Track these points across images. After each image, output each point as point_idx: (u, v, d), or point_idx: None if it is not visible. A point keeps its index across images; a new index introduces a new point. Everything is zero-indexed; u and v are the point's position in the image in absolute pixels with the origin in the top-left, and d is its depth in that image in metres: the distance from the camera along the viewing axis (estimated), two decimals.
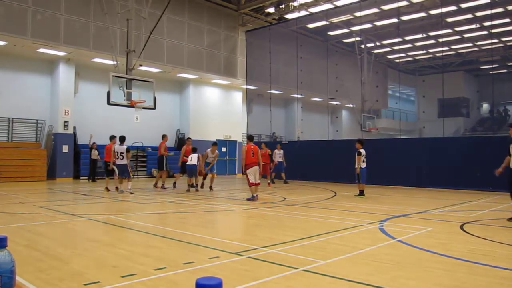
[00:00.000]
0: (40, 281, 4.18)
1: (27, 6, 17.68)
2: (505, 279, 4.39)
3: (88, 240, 6.51)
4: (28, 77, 20.52)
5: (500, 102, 36.16)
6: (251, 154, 12.15)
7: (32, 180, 19.21)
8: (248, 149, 12.28)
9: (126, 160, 13.69)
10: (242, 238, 6.70)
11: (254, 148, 12.24)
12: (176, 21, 23.22)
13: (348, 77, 28.34)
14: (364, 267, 4.79)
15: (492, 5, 22.23)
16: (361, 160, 13.09)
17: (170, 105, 26.18)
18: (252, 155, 12.15)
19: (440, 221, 8.38)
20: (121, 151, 13.73)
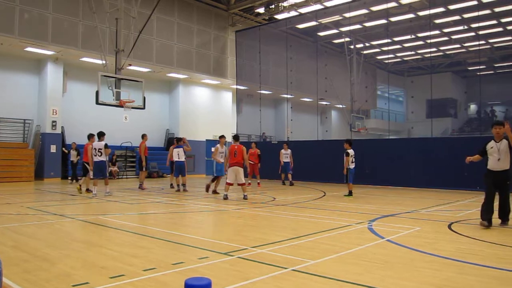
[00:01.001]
0: (27, 282, 4.13)
1: (14, 4, 17.49)
2: (493, 278, 4.44)
3: (76, 240, 6.44)
4: (16, 76, 20.29)
5: (487, 103, 36.58)
6: (234, 154, 12.10)
7: (19, 180, 18.99)
8: (231, 149, 12.24)
9: (104, 157, 12.81)
10: (231, 238, 6.69)
11: (238, 148, 12.16)
12: (165, 20, 23.12)
13: (337, 77, 28.45)
14: (353, 267, 4.81)
15: (480, 7, 22.49)
16: (349, 161, 13.19)
17: (160, 105, 26.08)
18: (234, 155, 12.08)
19: (428, 220, 8.44)
20: (99, 147, 12.83)
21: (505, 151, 7.53)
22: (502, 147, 7.54)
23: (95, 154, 12.76)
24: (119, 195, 13.62)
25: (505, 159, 7.53)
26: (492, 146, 7.70)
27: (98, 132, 13.01)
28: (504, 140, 7.54)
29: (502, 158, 7.52)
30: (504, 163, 7.53)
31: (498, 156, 7.55)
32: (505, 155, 7.52)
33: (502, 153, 7.53)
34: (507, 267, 4.85)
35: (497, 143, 7.63)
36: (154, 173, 23.56)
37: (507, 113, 37.59)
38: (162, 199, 12.71)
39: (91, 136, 13.83)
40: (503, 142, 7.55)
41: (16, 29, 17.49)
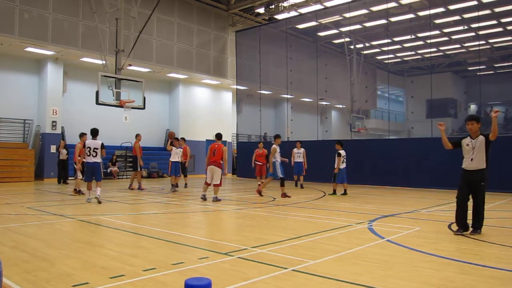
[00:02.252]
0: (28, 283, 4.13)
1: (14, 4, 17.49)
2: (492, 278, 4.44)
3: (76, 241, 6.45)
4: (16, 77, 20.29)
5: (487, 103, 36.55)
6: (213, 153, 11.84)
7: (19, 180, 18.99)
8: (211, 148, 11.97)
9: (99, 158, 11.20)
10: (231, 239, 6.69)
11: (217, 147, 11.89)
12: (165, 20, 23.13)
13: (337, 77, 28.45)
14: (353, 267, 4.81)
15: (480, 7, 22.48)
16: (340, 161, 13.62)
17: (160, 105, 26.08)
18: (213, 154, 11.82)
19: (428, 220, 8.45)
20: (94, 146, 11.15)
21: (480, 149, 6.85)
22: (477, 145, 6.88)
23: (89, 154, 11.10)
24: (119, 195, 13.62)
25: (479, 158, 6.85)
26: (468, 143, 7.03)
27: (91, 129, 11.40)
28: (481, 137, 6.87)
29: (476, 156, 6.85)
30: (479, 162, 6.86)
31: (471, 154, 6.90)
32: (479, 154, 6.84)
33: (476, 151, 6.86)
34: (507, 267, 4.85)
35: (473, 140, 6.97)
36: (154, 173, 23.56)
37: (507, 113, 37.60)
38: (162, 199, 12.71)
39: (83, 135, 13.56)
40: (479, 139, 6.89)
41: (16, 29, 17.49)
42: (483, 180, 6.85)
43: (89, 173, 11.29)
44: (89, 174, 11.30)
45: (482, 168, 6.86)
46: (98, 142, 11.24)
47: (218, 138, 12.33)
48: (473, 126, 6.96)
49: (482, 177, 6.85)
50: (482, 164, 6.86)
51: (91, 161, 11.13)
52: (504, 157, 15.24)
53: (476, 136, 6.96)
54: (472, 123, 6.97)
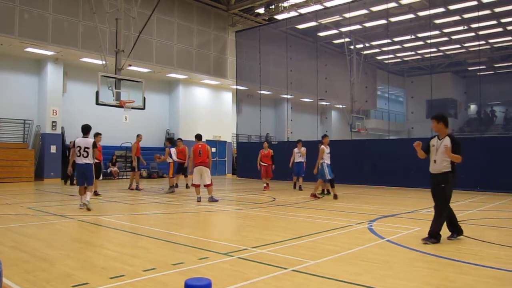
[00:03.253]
0: (28, 283, 4.13)
1: (14, 5, 17.48)
2: (492, 278, 4.44)
3: (76, 241, 6.45)
4: (16, 77, 20.29)
5: (487, 103, 36.59)
6: (198, 154, 11.68)
7: (19, 181, 18.98)
8: (195, 149, 11.79)
9: (91, 159, 9.97)
10: (231, 239, 6.69)
11: (202, 147, 11.73)
12: (165, 21, 23.13)
13: (337, 78, 28.45)
14: (353, 267, 4.81)
15: (479, 7, 22.48)
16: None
17: (160, 105, 26.08)
18: (199, 155, 11.67)
19: (428, 221, 8.40)
20: (85, 145, 9.90)
21: (442, 151, 6.31)
22: (440, 146, 6.35)
23: (79, 154, 9.84)
24: (119, 196, 13.62)
25: (441, 160, 6.31)
26: (434, 143, 6.52)
27: (82, 126, 10.24)
28: (447, 139, 6.33)
29: (438, 159, 6.36)
30: (442, 164, 6.32)
31: (434, 156, 6.42)
32: (443, 156, 6.30)
33: (439, 153, 6.35)
34: (507, 267, 4.86)
35: (439, 141, 6.45)
36: (154, 173, 23.56)
37: (507, 113, 37.61)
38: (162, 199, 12.71)
39: (98, 135, 13.35)
40: (445, 140, 6.36)
41: (16, 29, 17.49)
42: (444, 182, 6.30)
43: (80, 176, 9.97)
44: (81, 177, 9.95)
45: (445, 171, 6.29)
46: (89, 140, 10.02)
47: (199, 139, 12.16)
48: (435, 126, 6.48)
49: (444, 181, 6.30)
50: (445, 167, 6.30)
51: (82, 162, 9.83)
52: (504, 157, 15.24)
53: (443, 136, 6.43)
54: (433, 122, 6.50)
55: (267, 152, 15.91)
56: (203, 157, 11.61)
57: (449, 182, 6.27)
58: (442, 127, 6.43)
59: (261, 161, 15.90)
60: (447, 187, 6.29)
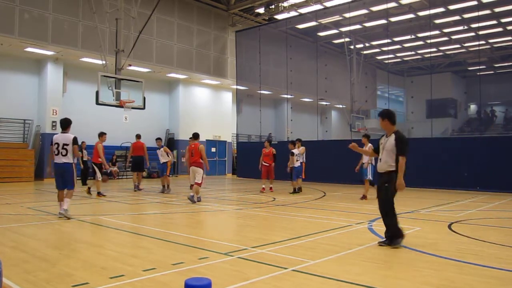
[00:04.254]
0: (27, 283, 4.13)
1: (14, 4, 17.48)
2: (492, 278, 4.44)
3: (76, 241, 6.45)
4: (16, 77, 20.28)
5: (487, 103, 36.60)
6: (191, 154, 11.58)
7: (19, 180, 18.98)
8: (188, 149, 11.70)
9: (71, 158, 8.48)
10: (231, 239, 6.69)
11: (194, 147, 11.61)
12: (165, 21, 23.13)
13: (337, 77, 28.46)
14: (353, 267, 4.81)
15: (479, 7, 22.48)
16: (294, 160, 14.24)
17: (160, 105, 26.08)
18: (192, 155, 11.57)
19: (428, 220, 8.44)
20: (64, 142, 8.42)
21: (389, 149, 6.06)
22: (386, 144, 6.11)
23: (57, 152, 8.40)
24: (119, 195, 13.62)
25: (387, 159, 6.07)
26: (382, 141, 6.27)
27: (61, 120, 8.86)
28: (393, 136, 6.08)
29: (383, 157, 6.11)
30: (387, 163, 6.07)
31: (380, 154, 6.18)
32: (388, 154, 6.06)
33: (385, 151, 6.10)
34: (507, 267, 4.85)
35: (386, 139, 6.18)
36: (154, 173, 23.53)
37: (507, 113, 37.61)
38: (162, 199, 12.71)
39: (102, 135, 13.35)
40: (391, 137, 6.09)
41: (16, 29, 17.48)
42: (388, 181, 6.03)
43: (58, 179, 8.48)
44: (59, 180, 8.48)
45: (390, 170, 6.04)
46: (69, 136, 8.51)
47: (195, 138, 11.99)
48: (381, 123, 6.22)
49: (388, 180, 6.04)
50: (390, 166, 6.05)
51: (60, 161, 8.38)
52: (504, 157, 15.24)
53: (390, 134, 6.16)
54: (379, 120, 6.27)
55: (268, 151, 15.35)
56: (196, 157, 11.47)
57: (392, 181, 5.96)
58: (387, 124, 6.17)
59: (263, 160, 15.40)
60: (390, 187, 6.00)
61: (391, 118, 6.17)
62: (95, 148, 13.31)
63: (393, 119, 6.19)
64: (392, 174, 5.98)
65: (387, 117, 6.15)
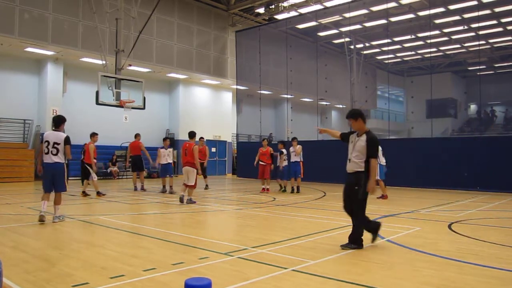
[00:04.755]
0: (28, 283, 4.13)
1: (14, 4, 17.48)
2: (492, 278, 4.44)
3: (76, 241, 6.45)
4: (16, 77, 20.28)
5: (487, 103, 36.59)
6: (184, 153, 11.28)
7: (19, 180, 18.98)
8: (182, 148, 11.44)
9: (63, 158, 7.91)
10: (231, 239, 6.69)
11: (188, 146, 11.29)
12: (165, 21, 23.13)
13: (337, 77, 28.45)
14: (353, 267, 4.81)
15: (480, 7, 22.47)
16: (283, 159, 14.73)
17: (160, 105, 26.08)
18: (185, 154, 11.26)
19: (428, 220, 8.44)
20: (55, 140, 7.87)
21: (358, 150, 5.85)
22: (357, 144, 5.89)
23: (47, 151, 7.83)
24: (119, 195, 13.61)
25: (356, 160, 5.85)
26: (352, 140, 6.01)
27: (53, 117, 8.32)
28: (364, 136, 5.86)
29: (352, 156, 5.88)
30: (356, 163, 5.84)
31: (350, 154, 5.96)
32: (358, 154, 5.84)
33: (355, 151, 5.87)
34: (507, 267, 4.85)
35: (358, 138, 5.96)
36: (154, 173, 23.53)
37: (507, 113, 37.61)
38: (162, 199, 12.71)
39: (93, 135, 13.32)
40: (362, 137, 5.88)
41: (16, 29, 17.48)
42: (358, 183, 5.80)
43: (47, 180, 7.89)
44: (48, 181, 7.88)
45: (358, 170, 5.82)
46: (60, 134, 7.97)
47: (190, 137, 11.70)
48: (354, 124, 6.02)
49: (357, 181, 5.80)
50: (359, 166, 5.82)
51: (50, 161, 7.80)
52: (504, 157, 15.24)
53: (361, 134, 5.94)
54: (351, 122, 6.05)
55: (265, 150, 14.98)
56: (189, 157, 11.17)
57: (362, 184, 5.76)
58: (361, 124, 5.97)
59: (259, 159, 15.16)
60: (360, 189, 5.77)
61: (363, 117, 6.03)
62: (87, 149, 13.18)
63: (364, 117, 6.08)
64: (360, 175, 5.79)
65: (360, 116, 5.99)
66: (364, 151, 5.81)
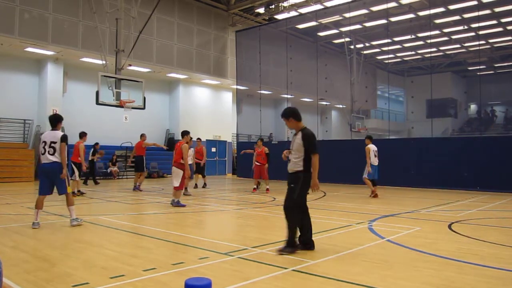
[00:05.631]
0: (28, 283, 4.13)
1: (14, 4, 17.48)
2: (492, 278, 4.44)
3: (76, 241, 6.44)
4: (16, 77, 20.29)
5: (487, 103, 36.59)
6: (174, 152, 11.00)
7: (19, 181, 18.98)
8: (175, 148, 11.09)
9: (58, 157, 7.54)
10: (231, 239, 6.69)
11: (177, 146, 10.99)
12: (165, 21, 23.13)
13: (337, 77, 28.45)
14: (353, 267, 4.81)
15: (480, 7, 22.47)
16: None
17: (160, 105, 26.08)
18: (175, 153, 11.01)
19: (428, 220, 8.44)
20: (51, 139, 7.57)
21: (296, 148, 5.68)
22: (294, 143, 5.76)
23: (43, 150, 7.56)
24: (119, 195, 13.61)
25: (294, 159, 5.68)
26: (292, 141, 5.91)
27: (49, 116, 7.99)
28: (299, 134, 5.72)
29: (292, 157, 5.73)
30: (294, 164, 5.67)
31: (288, 153, 5.84)
32: (296, 153, 5.68)
33: (293, 151, 5.72)
34: (507, 267, 4.85)
35: (295, 137, 5.82)
36: (154, 173, 23.54)
37: (507, 113, 37.61)
38: (162, 199, 12.71)
39: (83, 135, 13.38)
40: (298, 135, 5.73)
41: (16, 29, 17.48)
42: (294, 182, 5.61)
43: (44, 181, 7.63)
44: (45, 183, 7.61)
45: (297, 170, 5.63)
46: (57, 133, 7.70)
47: (181, 136, 11.42)
48: (288, 124, 5.91)
49: (294, 181, 5.63)
50: (297, 166, 5.63)
51: (47, 161, 7.50)
52: (504, 157, 15.24)
53: (297, 132, 5.80)
54: (284, 121, 5.93)
55: (260, 150, 14.93)
56: (177, 156, 10.79)
57: (299, 183, 5.55)
58: (293, 123, 5.83)
59: (255, 160, 15.07)
60: (296, 188, 5.57)
61: (294, 116, 5.83)
62: (75, 147, 13.13)
63: (297, 116, 5.86)
64: (298, 174, 5.59)
65: (291, 115, 5.82)
66: (302, 149, 5.60)
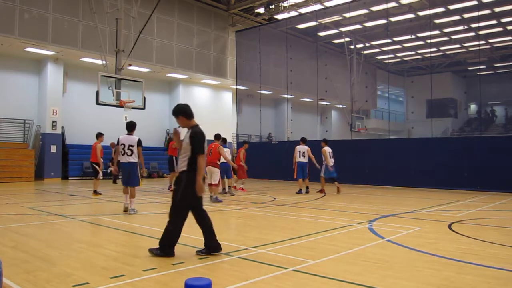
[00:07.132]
0: (28, 283, 4.13)
1: (14, 4, 17.48)
2: (492, 278, 4.44)
3: (76, 241, 6.44)
4: (16, 77, 20.29)
5: (487, 103, 36.64)
6: (209, 153, 11.81)
7: (19, 180, 18.98)
8: (208, 148, 11.73)
9: (136, 158, 9.33)
10: (231, 239, 6.68)
11: (213, 147, 11.96)
12: (165, 21, 23.12)
13: (337, 77, 28.46)
14: (353, 267, 4.81)
15: (480, 7, 22.49)
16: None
17: (160, 105, 26.07)
18: (209, 154, 11.79)
19: (428, 220, 8.44)
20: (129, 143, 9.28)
21: (184, 147, 5.53)
22: (183, 143, 5.66)
23: (122, 152, 9.28)
24: (119, 196, 13.60)
25: (181, 159, 5.48)
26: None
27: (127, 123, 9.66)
28: (189, 132, 5.67)
29: (180, 157, 5.56)
30: (180, 163, 5.46)
31: None
32: (182, 153, 5.52)
33: (182, 150, 5.58)
34: (507, 267, 4.85)
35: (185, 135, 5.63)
36: (155, 173, 23.54)
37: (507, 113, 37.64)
38: (163, 199, 12.71)
39: (100, 135, 13.89)
40: (187, 134, 5.69)
41: (16, 29, 17.48)
42: (177, 183, 5.35)
43: (124, 175, 9.43)
44: (124, 177, 9.46)
45: (182, 170, 5.36)
46: (133, 138, 9.27)
47: (216, 139, 12.51)
48: (178, 122, 5.77)
49: (177, 182, 5.36)
50: (183, 166, 5.38)
51: (126, 161, 9.20)
52: (504, 157, 15.24)
53: (189, 130, 5.67)
54: (176, 119, 5.77)
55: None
56: (213, 157, 11.87)
57: (181, 184, 5.25)
58: (184, 121, 5.66)
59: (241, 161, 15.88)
60: (178, 190, 5.29)
61: (184, 113, 5.64)
62: (93, 148, 13.76)
63: (187, 114, 5.65)
64: (182, 175, 5.31)
65: (180, 113, 5.63)
66: (189, 148, 5.37)
